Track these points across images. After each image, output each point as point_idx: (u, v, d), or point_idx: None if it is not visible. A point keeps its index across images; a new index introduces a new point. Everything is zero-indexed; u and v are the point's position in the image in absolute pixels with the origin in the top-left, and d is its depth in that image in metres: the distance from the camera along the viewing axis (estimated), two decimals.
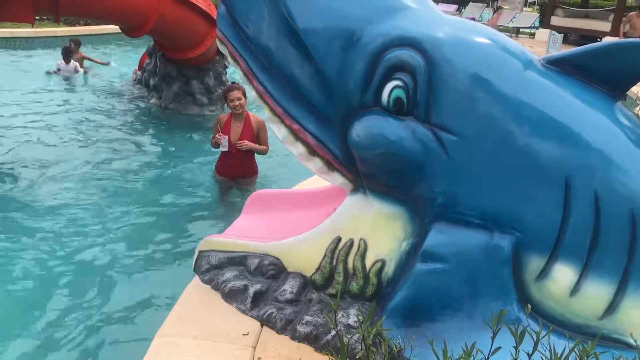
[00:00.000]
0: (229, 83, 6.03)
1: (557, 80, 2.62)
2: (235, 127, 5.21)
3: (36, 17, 6.05)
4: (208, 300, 3.08)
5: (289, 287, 2.95)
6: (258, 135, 5.26)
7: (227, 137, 5.16)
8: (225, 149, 5.21)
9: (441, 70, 2.54)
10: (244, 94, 5.10)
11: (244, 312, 2.98)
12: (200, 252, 3.24)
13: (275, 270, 3.04)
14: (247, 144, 5.17)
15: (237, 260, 3.13)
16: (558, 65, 2.65)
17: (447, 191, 2.61)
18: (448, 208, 2.62)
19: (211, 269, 3.18)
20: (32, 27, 8.58)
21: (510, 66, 2.62)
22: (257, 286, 3.00)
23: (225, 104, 5.29)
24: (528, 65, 2.64)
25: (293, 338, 2.83)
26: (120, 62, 10.94)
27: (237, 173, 5.39)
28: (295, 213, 3.31)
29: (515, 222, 2.56)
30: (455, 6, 22.48)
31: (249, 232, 3.27)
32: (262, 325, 2.92)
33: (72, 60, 9.56)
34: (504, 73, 2.59)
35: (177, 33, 7.24)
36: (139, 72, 9.32)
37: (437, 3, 20.51)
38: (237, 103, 5.08)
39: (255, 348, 2.77)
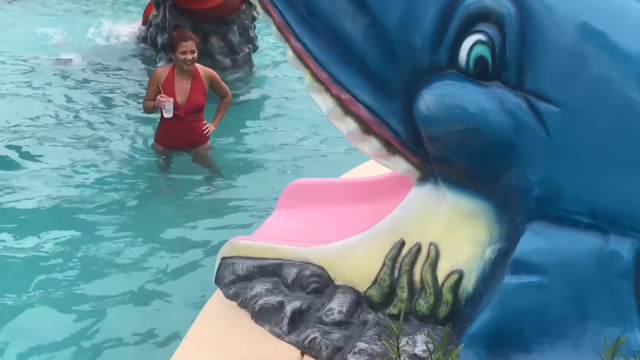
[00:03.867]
0: (254, 40, 6.20)
1: None
2: (182, 84, 5.37)
3: None
4: (233, 321, 3.11)
5: (337, 306, 2.95)
6: (212, 89, 5.48)
7: (171, 101, 5.25)
8: (170, 114, 5.29)
9: (539, 20, 2.48)
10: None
11: (279, 336, 3.00)
12: (224, 259, 3.27)
13: (319, 283, 3.05)
14: (212, 127, 5.50)
15: (271, 270, 3.14)
16: None
17: (546, 180, 2.56)
18: (547, 203, 2.57)
19: (237, 281, 3.21)
20: None
21: (634, 14, 2.53)
22: (296, 303, 3.01)
23: (178, 56, 5.36)
24: None
25: None
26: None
27: (187, 140, 5.56)
28: (345, 209, 3.31)
29: (638, 221, 2.51)
30: None
31: (285, 233, 3.29)
32: (302, 354, 2.93)
33: None
34: (626, 23, 2.52)
35: None
36: (143, 28, 9.44)
37: None
38: (189, 57, 5.26)
39: None
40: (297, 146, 6.06)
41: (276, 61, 9.17)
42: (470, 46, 2.55)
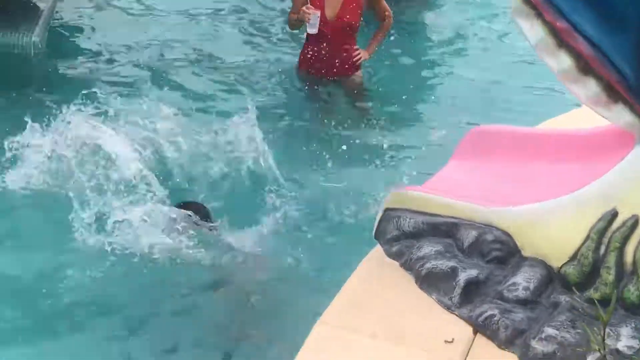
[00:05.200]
0: None
1: None
2: None
3: None
4: (393, 284, 3.04)
5: (523, 281, 2.80)
6: (371, 7, 5.20)
7: (318, 14, 5.03)
8: (314, 30, 5.10)
9: None
10: None
11: (448, 307, 2.89)
12: (387, 210, 3.19)
13: (503, 252, 2.90)
14: (366, 55, 5.29)
15: (444, 230, 3.03)
16: None
17: None
18: None
19: (402, 238, 3.12)
20: None
21: None
22: (472, 272, 2.88)
23: None
24: None
25: (523, 358, 2.68)
26: None
27: (332, 68, 5.35)
28: (539, 166, 3.13)
29: None
30: None
31: (463, 188, 3.17)
32: (475, 332, 2.81)
33: None
34: None
35: None
36: None
37: None
38: None
39: None
40: (474, 88, 5.76)
41: None
42: None
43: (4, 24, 6.27)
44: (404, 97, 5.99)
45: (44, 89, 5.78)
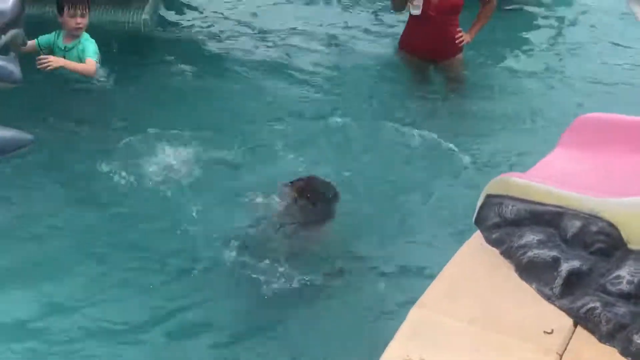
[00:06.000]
0: None
1: None
2: None
3: None
4: (493, 270, 3.04)
5: (628, 274, 2.73)
6: None
7: None
8: (418, 11, 5.13)
9: None
10: None
11: (548, 298, 2.87)
12: (489, 196, 3.17)
13: (607, 244, 2.83)
14: (468, 38, 5.35)
15: (547, 219, 2.98)
16: None
17: None
18: None
19: (503, 225, 3.10)
20: None
21: None
22: (575, 263, 2.84)
23: None
24: None
25: (625, 353, 2.66)
26: None
27: (434, 48, 5.35)
28: None
29: None
30: None
31: (569, 176, 3.12)
32: (575, 325, 2.79)
33: None
34: None
35: None
36: None
37: None
38: None
39: (561, 356, 2.66)
40: (586, 76, 5.61)
41: None
42: None
43: (117, 1, 6.49)
44: (505, 84, 5.93)
45: (152, 64, 6.03)
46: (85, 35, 5.20)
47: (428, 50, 5.44)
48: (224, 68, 6.11)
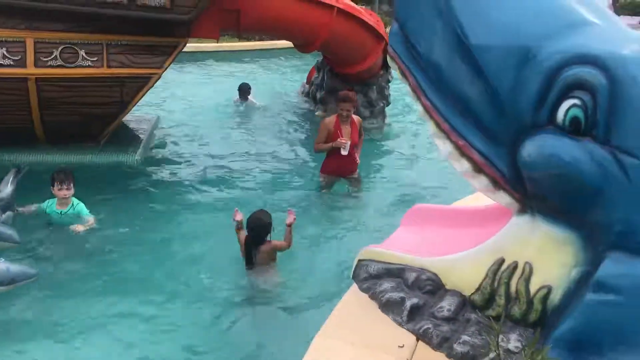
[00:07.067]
0: (388, 97, 6.28)
1: None
2: (345, 129, 5.56)
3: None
4: (365, 308, 3.14)
5: (447, 305, 2.92)
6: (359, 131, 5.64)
7: (349, 142, 5.42)
8: (346, 152, 5.42)
9: (626, 90, 2.38)
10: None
11: (400, 324, 3.00)
12: (360, 261, 3.31)
13: (433, 286, 3.01)
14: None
15: (395, 272, 3.15)
16: None
17: (627, 219, 2.43)
18: (627, 237, 2.44)
19: (369, 278, 3.23)
20: (217, 42, 9.33)
21: None
22: (414, 300, 3.00)
23: (339, 108, 5.55)
24: None
25: (449, 356, 2.79)
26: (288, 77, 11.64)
27: (347, 169, 5.69)
28: (456, 230, 3.23)
29: None
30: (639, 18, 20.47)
31: (407, 245, 3.28)
32: (417, 340, 2.91)
33: (248, 99, 9.63)
34: None
35: (345, 48, 7.49)
36: (306, 85, 9.75)
37: (619, 15, 18.82)
38: (347, 113, 5.48)
39: None
40: (416, 178, 5.97)
41: (405, 112, 9.12)
42: (567, 108, 2.48)
43: (114, 147, 6.32)
44: (376, 184, 6.22)
45: (143, 193, 5.65)
46: (76, 201, 4.78)
47: (344, 170, 5.71)
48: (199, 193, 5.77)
